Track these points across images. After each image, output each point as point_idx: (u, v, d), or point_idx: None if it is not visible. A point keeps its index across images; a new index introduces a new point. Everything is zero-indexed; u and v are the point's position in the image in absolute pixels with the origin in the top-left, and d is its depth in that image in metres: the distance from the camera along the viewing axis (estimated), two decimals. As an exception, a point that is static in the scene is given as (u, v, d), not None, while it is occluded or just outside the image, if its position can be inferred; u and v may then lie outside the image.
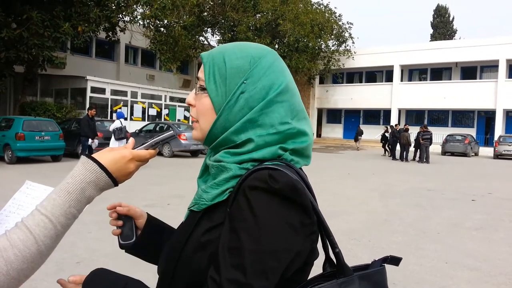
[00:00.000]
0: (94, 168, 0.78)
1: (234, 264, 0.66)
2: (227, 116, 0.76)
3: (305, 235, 0.71)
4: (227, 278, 0.66)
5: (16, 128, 12.22)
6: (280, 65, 0.81)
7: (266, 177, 0.69)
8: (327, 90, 33.79)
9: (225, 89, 0.77)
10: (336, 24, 29.32)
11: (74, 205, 0.76)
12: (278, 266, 0.67)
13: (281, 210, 0.68)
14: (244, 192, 0.69)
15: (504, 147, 23.14)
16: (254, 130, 0.76)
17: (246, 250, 0.66)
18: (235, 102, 0.76)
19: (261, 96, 0.76)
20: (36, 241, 0.71)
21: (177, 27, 20.46)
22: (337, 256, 0.75)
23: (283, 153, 0.76)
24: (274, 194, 0.68)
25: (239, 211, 0.69)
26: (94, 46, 25.09)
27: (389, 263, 0.80)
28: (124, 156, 0.81)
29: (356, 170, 14.03)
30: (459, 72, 30.65)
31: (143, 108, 22.09)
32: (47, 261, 3.12)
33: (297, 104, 0.80)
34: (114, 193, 8.45)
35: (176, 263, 0.77)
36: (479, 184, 11.50)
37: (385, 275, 0.78)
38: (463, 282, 3.95)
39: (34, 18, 13.71)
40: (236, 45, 0.81)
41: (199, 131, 0.82)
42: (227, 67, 0.77)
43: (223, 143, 0.78)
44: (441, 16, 47.20)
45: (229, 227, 0.70)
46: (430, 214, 7.12)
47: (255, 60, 0.78)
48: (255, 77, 0.76)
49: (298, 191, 0.69)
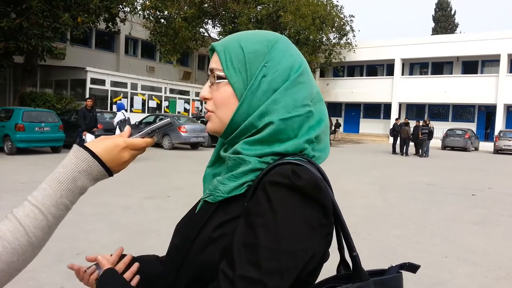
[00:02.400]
0: (86, 157, 0.75)
1: (249, 261, 0.64)
2: (251, 102, 0.74)
3: (322, 236, 0.68)
4: (241, 275, 0.63)
5: (15, 119, 12.18)
6: (295, 49, 0.80)
7: (289, 172, 0.67)
8: (327, 84, 33.68)
9: (246, 75, 0.74)
10: (337, 17, 29.13)
11: (66, 195, 0.72)
12: (294, 266, 0.65)
13: (301, 208, 0.66)
14: (264, 187, 0.67)
15: (504, 142, 23.14)
16: (277, 112, 0.73)
17: (262, 247, 0.64)
18: (258, 86, 0.74)
19: (283, 78, 0.74)
20: (26, 232, 0.67)
21: (178, 19, 20.33)
22: (354, 260, 0.72)
23: (308, 147, 0.74)
24: (296, 191, 0.66)
25: (257, 206, 0.66)
26: (94, 37, 24.94)
27: (406, 270, 0.77)
28: (118, 144, 0.78)
29: (356, 164, 14.04)
30: (460, 66, 30.53)
31: (143, 100, 22.05)
32: (46, 253, 3.10)
33: (315, 86, 0.80)
34: (114, 185, 8.47)
35: (185, 255, 0.74)
36: (479, 178, 11.50)
37: (401, 282, 0.75)
38: (463, 276, 3.96)
39: (33, 8, 13.59)
40: (249, 32, 0.80)
41: (217, 122, 0.78)
42: (245, 52, 0.75)
43: (245, 131, 0.75)
44: (442, 9, 46.94)
45: (246, 222, 0.67)
46: (429, 208, 7.12)
47: (272, 43, 0.76)
48: (275, 59, 0.75)
49: (321, 189, 0.67)
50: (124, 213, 5.82)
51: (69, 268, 0.95)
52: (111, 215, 5.67)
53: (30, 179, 7.91)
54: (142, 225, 5.21)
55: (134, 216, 5.67)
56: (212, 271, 0.69)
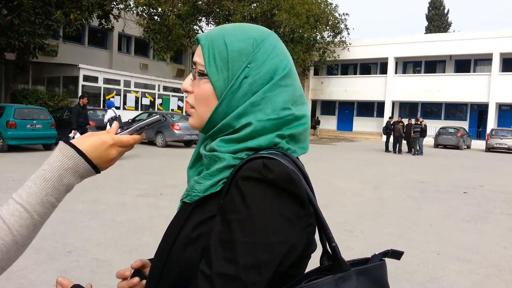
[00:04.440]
0: (72, 154, 0.73)
1: (226, 257, 0.63)
2: (230, 102, 0.73)
3: (301, 228, 0.68)
4: (218, 272, 0.63)
5: (7, 116, 12.06)
6: (282, 48, 0.77)
7: (260, 166, 0.66)
8: (322, 82, 33.73)
9: (227, 74, 0.73)
10: (331, 15, 29.18)
11: (52, 193, 0.71)
12: (271, 260, 0.64)
13: (275, 201, 0.65)
14: (237, 183, 0.66)
15: (496, 140, 23.33)
16: (255, 114, 0.72)
17: (238, 243, 0.63)
18: (239, 87, 0.72)
19: (265, 80, 0.73)
20: (10, 231, 0.67)
21: (172, 16, 20.23)
22: (334, 251, 0.72)
23: (280, 141, 0.73)
24: (268, 185, 0.65)
25: (231, 203, 0.66)
26: (86, 34, 24.75)
27: (389, 257, 0.77)
28: (105, 141, 0.76)
29: (349, 162, 14.08)
30: (453, 65, 30.72)
31: (136, 98, 21.93)
32: (38, 251, 3.08)
33: (298, 89, 0.78)
34: (107, 183, 8.42)
35: (166, 258, 0.74)
36: (471, 176, 11.60)
37: (385, 270, 0.75)
38: (454, 273, 3.99)
39: (25, 4, 13.47)
40: (236, 26, 0.77)
41: (196, 118, 0.77)
42: (228, 50, 0.73)
43: (222, 130, 0.74)
44: (436, 8, 47.17)
45: (221, 219, 0.67)
46: (422, 206, 7.17)
47: (258, 42, 0.74)
48: (259, 60, 0.73)
49: (293, 181, 0.66)
50: (117, 210, 5.79)
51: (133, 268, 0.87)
52: (104, 212, 5.64)
53: (22, 176, 7.84)
54: (136, 223, 5.19)
55: (128, 213, 5.65)
56: (194, 272, 0.68)
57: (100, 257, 3.90)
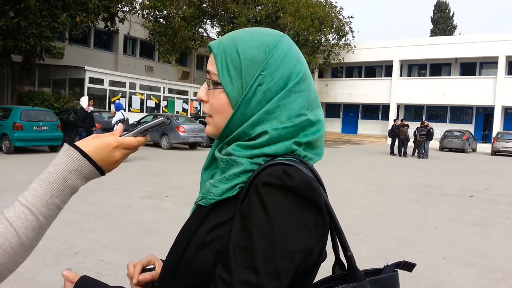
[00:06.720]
0: (77, 156, 0.74)
1: (246, 264, 0.63)
2: (245, 111, 0.73)
3: (317, 236, 0.68)
4: (239, 279, 0.62)
5: (13, 118, 12.15)
6: (296, 51, 0.77)
7: (280, 173, 0.66)
8: (326, 84, 33.69)
9: (241, 82, 0.72)
10: (336, 18, 29.18)
11: (57, 195, 0.72)
12: (291, 267, 0.64)
13: (295, 208, 0.65)
14: (256, 189, 0.66)
15: (502, 144, 23.20)
16: (270, 122, 0.72)
17: (258, 250, 0.63)
18: (253, 95, 0.72)
19: (279, 87, 0.72)
20: (17, 233, 0.67)
21: (177, 18, 20.31)
22: (349, 260, 0.72)
23: (297, 148, 0.73)
24: (289, 192, 0.65)
25: (251, 209, 0.66)
26: (92, 36, 24.90)
27: (402, 268, 0.77)
28: (109, 143, 0.77)
29: (354, 165, 14.04)
30: (459, 68, 30.59)
31: (142, 100, 22.01)
32: (45, 252, 3.10)
33: (313, 91, 0.78)
34: (112, 185, 8.43)
35: (179, 260, 0.74)
36: (476, 180, 11.53)
37: (397, 281, 0.75)
38: (461, 277, 3.96)
39: (32, 7, 13.58)
40: (248, 32, 0.77)
41: (213, 127, 0.78)
42: (241, 58, 0.72)
43: (238, 138, 0.75)
44: (441, 11, 47.02)
45: (240, 225, 0.66)
46: (427, 209, 7.13)
47: (271, 48, 0.73)
48: (272, 67, 0.72)
49: (313, 189, 0.66)
50: (122, 212, 5.81)
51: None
52: (110, 214, 5.65)
53: (28, 178, 7.88)
54: (141, 225, 5.20)
55: (133, 215, 5.66)
56: (206, 275, 0.68)
57: (106, 259, 3.91)
